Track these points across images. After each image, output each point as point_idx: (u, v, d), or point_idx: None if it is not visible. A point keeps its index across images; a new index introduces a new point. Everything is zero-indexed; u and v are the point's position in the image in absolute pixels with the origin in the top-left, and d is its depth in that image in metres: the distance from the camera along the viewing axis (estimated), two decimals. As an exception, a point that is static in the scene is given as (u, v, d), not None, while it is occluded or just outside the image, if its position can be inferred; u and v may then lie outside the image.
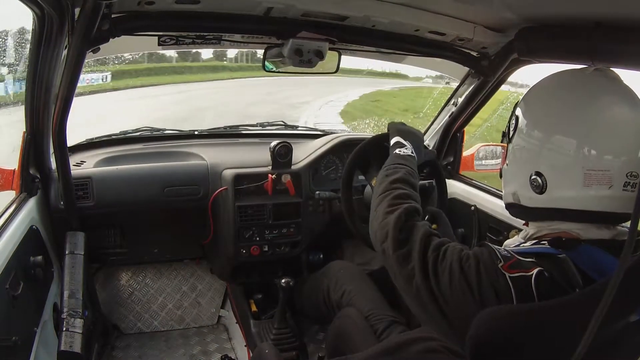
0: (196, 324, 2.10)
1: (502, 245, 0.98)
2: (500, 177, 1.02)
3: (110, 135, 2.02)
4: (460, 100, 1.82)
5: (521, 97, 0.99)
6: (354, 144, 1.53)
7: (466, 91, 1.77)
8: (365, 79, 17.60)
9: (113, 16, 1.12)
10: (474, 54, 1.54)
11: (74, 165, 1.66)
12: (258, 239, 1.79)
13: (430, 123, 2.06)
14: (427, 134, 2.10)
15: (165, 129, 2.12)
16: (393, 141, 1.23)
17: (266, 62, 1.43)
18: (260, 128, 2.24)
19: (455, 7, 1.26)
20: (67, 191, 1.48)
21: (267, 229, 1.79)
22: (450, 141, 1.97)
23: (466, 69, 1.68)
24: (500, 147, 1.99)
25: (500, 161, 1.55)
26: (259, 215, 1.77)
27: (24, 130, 1.38)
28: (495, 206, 1.67)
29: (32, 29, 1.13)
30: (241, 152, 1.96)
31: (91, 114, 7.48)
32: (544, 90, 0.92)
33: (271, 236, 1.80)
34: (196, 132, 2.16)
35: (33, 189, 1.45)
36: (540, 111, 0.89)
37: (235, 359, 1.85)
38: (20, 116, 1.37)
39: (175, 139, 2.09)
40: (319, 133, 2.23)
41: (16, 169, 1.42)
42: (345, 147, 1.88)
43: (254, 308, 1.90)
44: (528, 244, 0.88)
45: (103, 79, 11.98)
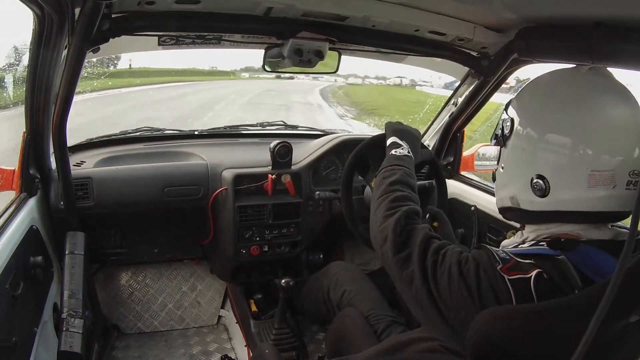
0: (196, 324, 2.09)
1: (499, 246, 0.99)
2: (494, 180, 1.01)
3: (110, 135, 2.02)
4: (460, 100, 1.82)
5: (512, 98, 0.98)
6: (354, 144, 1.53)
7: (466, 91, 1.77)
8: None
9: (113, 16, 1.12)
10: (474, 53, 1.54)
11: (74, 165, 1.66)
12: (258, 239, 1.79)
13: (430, 123, 2.06)
14: (427, 133, 2.11)
15: (165, 129, 2.13)
16: (389, 141, 1.22)
17: (266, 62, 1.44)
18: (260, 128, 2.24)
19: (455, 7, 1.26)
20: (67, 191, 1.48)
21: (267, 229, 1.79)
22: (450, 141, 1.97)
23: (466, 68, 1.68)
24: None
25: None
26: (259, 215, 1.77)
27: (24, 130, 1.38)
28: (495, 206, 1.67)
29: (32, 29, 1.13)
30: (241, 152, 1.96)
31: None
32: (541, 90, 0.92)
33: (271, 236, 1.80)
34: (196, 132, 2.16)
35: (33, 189, 1.45)
36: (540, 112, 0.88)
37: (235, 359, 1.85)
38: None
39: (175, 139, 2.09)
40: (319, 133, 2.23)
41: (16, 169, 1.42)
42: (345, 147, 1.88)
43: (254, 308, 1.90)
44: (526, 245, 0.88)
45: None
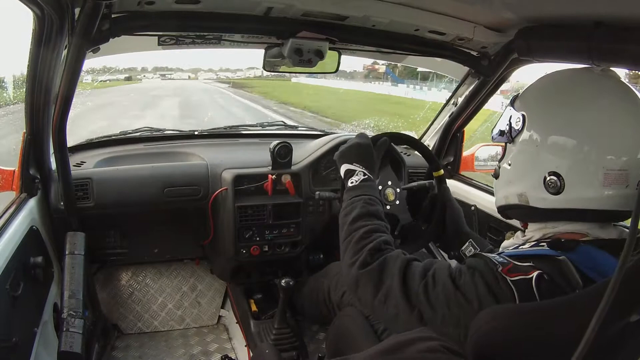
0: (196, 324, 2.10)
1: (499, 247, 0.99)
2: (497, 177, 1.00)
3: (110, 136, 2.02)
4: (460, 100, 1.82)
5: (520, 93, 0.97)
6: None
7: (466, 91, 1.77)
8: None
9: (113, 16, 1.12)
10: (474, 53, 1.54)
11: (74, 166, 1.66)
12: (258, 239, 1.79)
13: (430, 123, 2.06)
14: (427, 134, 2.11)
15: (165, 129, 2.13)
16: (342, 172, 1.15)
17: (266, 61, 1.44)
18: (260, 128, 2.24)
19: (455, 7, 1.26)
20: (67, 191, 1.48)
21: (267, 229, 1.79)
22: (451, 141, 1.97)
23: (466, 68, 1.68)
24: (500, 148, 1.98)
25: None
26: (259, 216, 1.77)
27: (24, 131, 1.38)
28: (495, 206, 1.67)
29: (32, 29, 1.13)
30: (241, 153, 1.96)
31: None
32: (555, 88, 0.91)
33: (271, 236, 1.80)
34: (196, 133, 2.16)
35: (33, 189, 1.45)
36: (555, 110, 0.87)
37: (235, 359, 1.85)
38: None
39: (175, 140, 2.09)
40: (318, 133, 2.23)
41: (16, 169, 1.42)
42: None
43: (254, 308, 1.90)
44: (527, 246, 0.88)
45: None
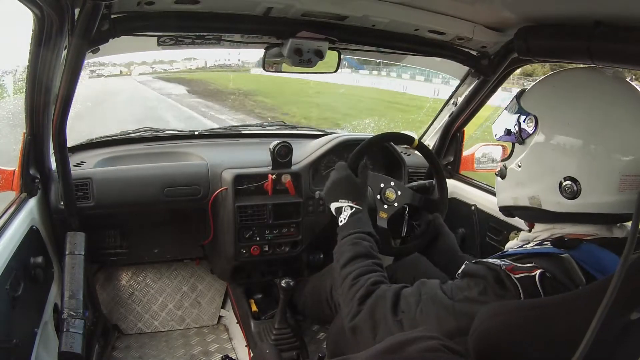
0: (197, 324, 2.10)
1: (504, 247, 0.99)
2: (502, 177, 0.99)
3: (110, 136, 2.02)
4: (460, 99, 1.82)
5: (527, 88, 0.96)
6: (354, 143, 1.53)
7: (466, 90, 1.77)
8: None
9: (113, 16, 1.12)
10: (474, 53, 1.54)
11: (74, 166, 1.66)
12: (258, 239, 1.79)
13: (430, 123, 2.06)
14: (427, 133, 2.11)
15: (165, 129, 2.13)
16: (332, 210, 1.21)
17: (266, 61, 1.43)
18: (260, 128, 2.24)
19: (455, 7, 1.26)
20: (67, 191, 1.48)
21: (267, 229, 1.79)
22: (450, 141, 1.97)
23: (466, 68, 1.68)
24: (501, 147, 1.98)
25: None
26: (259, 215, 1.77)
27: (24, 131, 1.38)
28: (495, 206, 1.67)
29: (32, 30, 1.13)
30: (241, 152, 1.96)
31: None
32: (570, 90, 0.89)
33: (271, 236, 1.80)
34: (196, 133, 2.16)
35: (33, 189, 1.45)
36: (573, 114, 0.85)
37: (235, 359, 1.85)
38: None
39: (175, 139, 2.09)
40: (318, 133, 2.23)
41: (16, 169, 1.42)
42: (345, 147, 1.88)
43: (254, 308, 1.90)
44: (531, 245, 0.88)
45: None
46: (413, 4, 1.24)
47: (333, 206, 1.20)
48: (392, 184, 1.52)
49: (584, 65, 1.10)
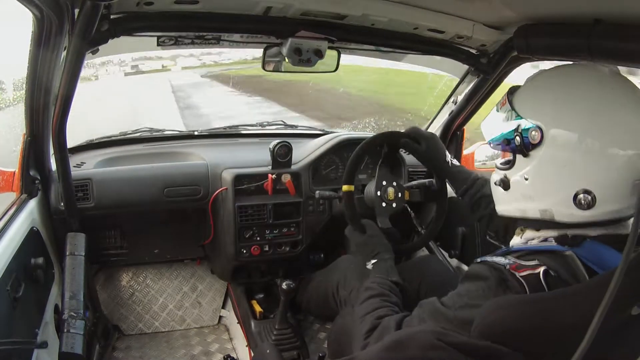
0: (197, 324, 2.09)
1: (504, 246, 0.99)
2: (506, 189, 0.94)
3: (110, 136, 2.02)
4: (460, 98, 1.82)
5: (520, 89, 0.93)
6: (354, 143, 1.53)
7: (466, 89, 1.77)
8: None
9: (112, 17, 1.12)
10: (474, 51, 1.54)
11: (74, 167, 1.66)
12: (258, 238, 1.79)
13: (430, 121, 2.06)
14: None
15: (165, 130, 2.12)
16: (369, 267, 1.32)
17: (265, 61, 1.43)
18: (260, 128, 2.24)
19: (454, 5, 1.26)
20: (67, 192, 1.48)
21: (267, 229, 1.79)
22: (450, 139, 1.97)
23: (466, 66, 1.68)
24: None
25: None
26: (259, 215, 1.77)
27: (24, 132, 1.38)
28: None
29: (32, 31, 1.13)
30: (241, 152, 1.96)
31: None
32: (574, 94, 0.85)
33: (271, 236, 1.80)
34: (196, 133, 2.16)
35: (33, 190, 1.45)
36: (581, 124, 0.82)
37: (236, 359, 1.85)
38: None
39: (175, 140, 2.09)
40: (318, 132, 2.23)
41: (16, 170, 1.42)
42: (345, 147, 1.88)
43: (258, 308, 1.90)
44: (535, 241, 0.89)
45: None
46: (412, 2, 1.24)
47: (368, 266, 1.33)
48: (394, 183, 1.53)
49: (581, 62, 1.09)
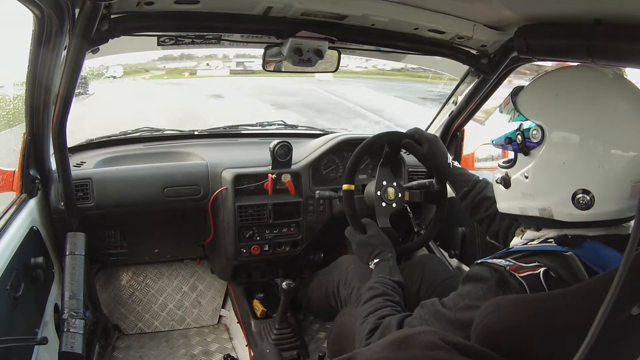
0: (197, 324, 2.10)
1: (504, 246, 1.00)
2: (507, 187, 0.96)
3: (110, 136, 2.02)
4: (460, 98, 1.82)
5: (524, 90, 0.94)
6: (354, 143, 1.53)
7: (466, 89, 1.76)
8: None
9: (112, 17, 1.12)
10: (474, 52, 1.54)
11: (74, 166, 1.66)
12: (258, 238, 1.79)
13: (430, 122, 2.06)
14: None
15: (165, 129, 2.13)
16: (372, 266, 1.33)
17: (265, 61, 1.43)
18: (260, 128, 2.24)
19: (455, 6, 1.26)
20: (67, 192, 1.48)
21: (267, 229, 1.79)
22: (451, 140, 1.97)
23: (466, 67, 1.68)
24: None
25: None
26: (259, 215, 1.77)
27: (24, 132, 1.38)
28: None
29: (32, 30, 1.13)
30: (241, 152, 1.96)
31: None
32: (576, 95, 0.86)
33: (271, 236, 1.80)
34: (196, 132, 2.16)
35: (33, 189, 1.45)
36: (583, 125, 0.83)
37: (236, 358, 1.85)
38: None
39: (175, 139, 2.09)
40: (318, 132, 2.23)
41: (16, 170, 1.42)
42: (345, 147, 1.88)
43: (261, 308, 1.90)
44: (535, 242, 0.89)
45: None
46: (413, 3, 1.24)
47: (371, 266, 1.34)
48: (394, 183, 1.53)
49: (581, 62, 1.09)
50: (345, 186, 1.46)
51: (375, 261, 1.31)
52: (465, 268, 1.84)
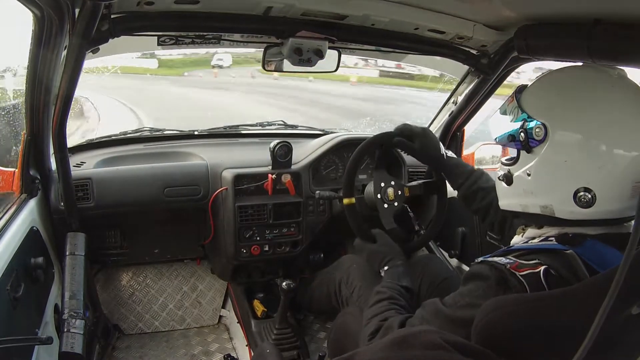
0: (197, 324, 2.09)
1: (504, 246, 1.00)
2: (509, 184, 0.96)
3: (110, 136, 2.02)
4: (460, 98, 1.82)
5: (528, 88, 0.94)
6: (354, 143, 1.53)
7: (466, 89, 1.77)
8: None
9: (112, 16, 1.12)
10: (474, 52, 1.54)
11: (74, 166, 1.66)
12: (258, 238, 1.79)
13: (430, 122, 2.06)
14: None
15: (165, 129, 2.12)
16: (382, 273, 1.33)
17: (265, 61, 1.43)
18: (260, 128, 2.24)
19: (455, 6, 1.26)
20: (67, 192, 1.48)
21: (267, 229, 1.79)
22: (451, 140, 1.97)
23: (466, 67, 1.68)
24: (501, 147, 1.98)
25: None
26: (259, 215, 1.77)
27: (24, 132, 1.38)
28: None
29: (32, 30, 1.13)
30: (241, 152, 1.96)
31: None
32: (579, 95, 0.86)
33: (271, 236, 1.80)
34: (196, 132, 2.16)
35: (33, 190, 1.45)
36: (586, 124, 0.83)
37: (237, 358, 1.85)
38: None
39: (175, 139, 2.09)
40: (318, 132, 2.23)
41: (16, 170, 1.42)
42: (345, 147, 1.88)
43: (262, 308, 1.90)
44: (536, 240, 0.89)
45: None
46: (413, 3, 1.24)
47: (382, 273, 1.33)
48: (392, 182, 1.53)
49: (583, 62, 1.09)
50: (346, 200, 1.45)
51: (385, 268, 1.32)
52: (466, 268, 1.84)
